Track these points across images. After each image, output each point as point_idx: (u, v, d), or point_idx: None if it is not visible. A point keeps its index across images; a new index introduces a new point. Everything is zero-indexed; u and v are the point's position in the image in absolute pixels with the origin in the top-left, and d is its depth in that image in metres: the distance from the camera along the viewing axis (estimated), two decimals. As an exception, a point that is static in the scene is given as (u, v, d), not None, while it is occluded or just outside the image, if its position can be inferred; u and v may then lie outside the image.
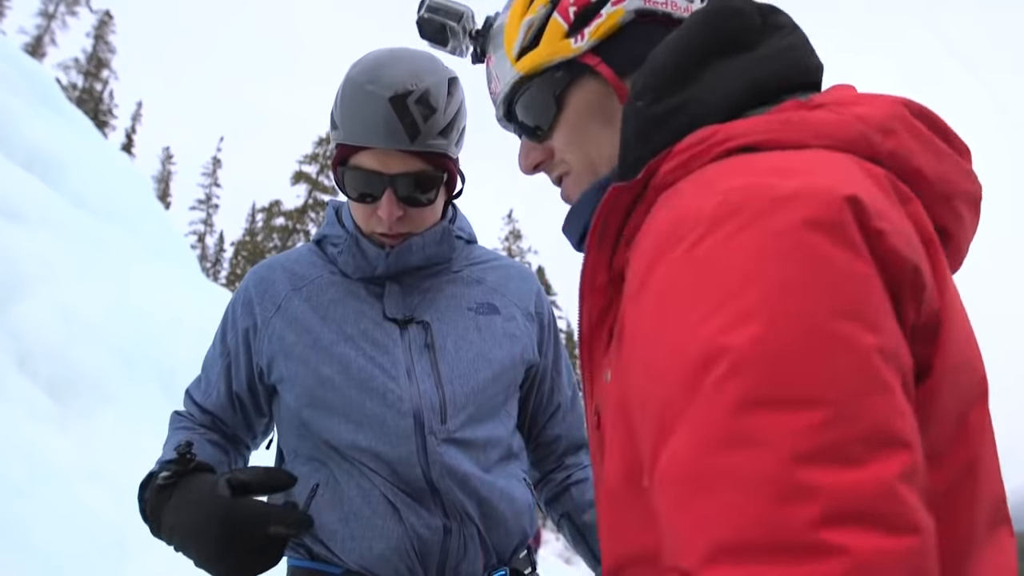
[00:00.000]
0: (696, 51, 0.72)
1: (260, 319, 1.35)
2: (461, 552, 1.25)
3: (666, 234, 0.59)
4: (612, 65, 0.83)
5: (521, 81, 0.88)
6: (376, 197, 1.26)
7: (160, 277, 7.71)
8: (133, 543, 3.86)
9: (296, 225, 37.84)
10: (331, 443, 1.28)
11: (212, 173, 43.53)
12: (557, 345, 1.53)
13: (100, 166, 9.32)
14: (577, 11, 0.83)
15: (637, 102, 0.74)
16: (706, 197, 0.58)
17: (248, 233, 42.71)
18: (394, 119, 1.20)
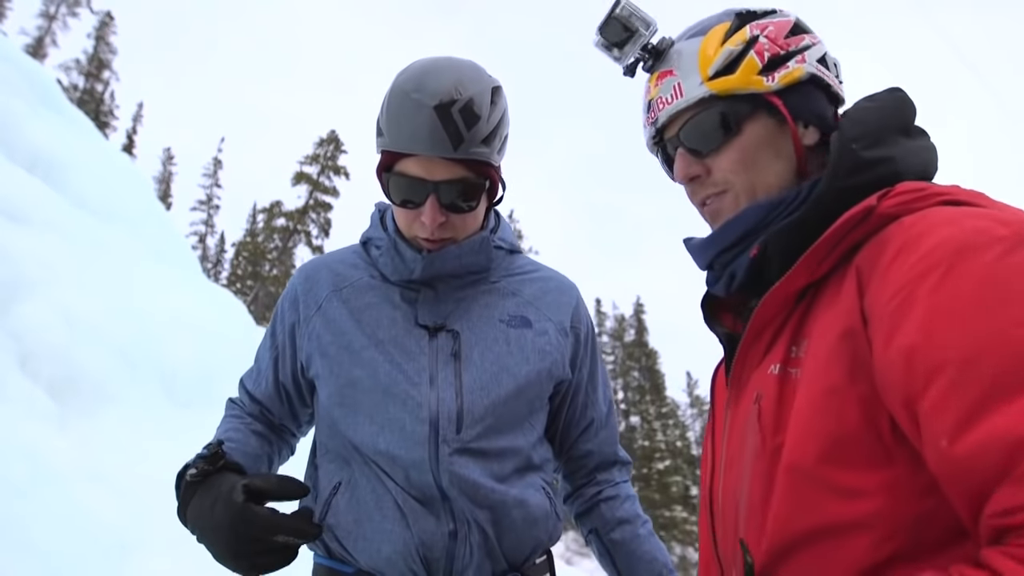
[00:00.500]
0: (895, 123, 0.96)
1: (303, 316, 1.42)
2: (468, 558, 1.26)
3: (950, 249, 0.75)
4: (788, 108, 1.00)
5: (709, 99, 1.01)
6: (419, 203, 1.29)
7: (161, 278, 7.72)
8: (133, 544, 3.86)
9: (297, 226, 37.84)
10: (354, 443, 1.32)
11: (213, 174, 43.55)
12: (594, 360, 1.53)
13: (101, 167, 9.32)
14: (771, 56, 1.00)
15: (852, 144, 0.92)
16: (969, 224, 0.77)
17: (249, 234, 42.72)
18: (438, 127, 1.22)
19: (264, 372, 1.50)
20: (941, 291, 0.74)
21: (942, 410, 0.71)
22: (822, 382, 0.83)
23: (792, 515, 0.84)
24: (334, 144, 38.07)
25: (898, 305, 0.77)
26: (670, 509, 38.97)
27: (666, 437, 44.42)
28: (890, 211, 0.84)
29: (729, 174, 1.01)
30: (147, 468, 4.68)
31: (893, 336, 0.76)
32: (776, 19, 1.05)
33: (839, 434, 0.80)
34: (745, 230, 0.99)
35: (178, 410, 5.86)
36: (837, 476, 0.80)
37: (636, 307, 50.66)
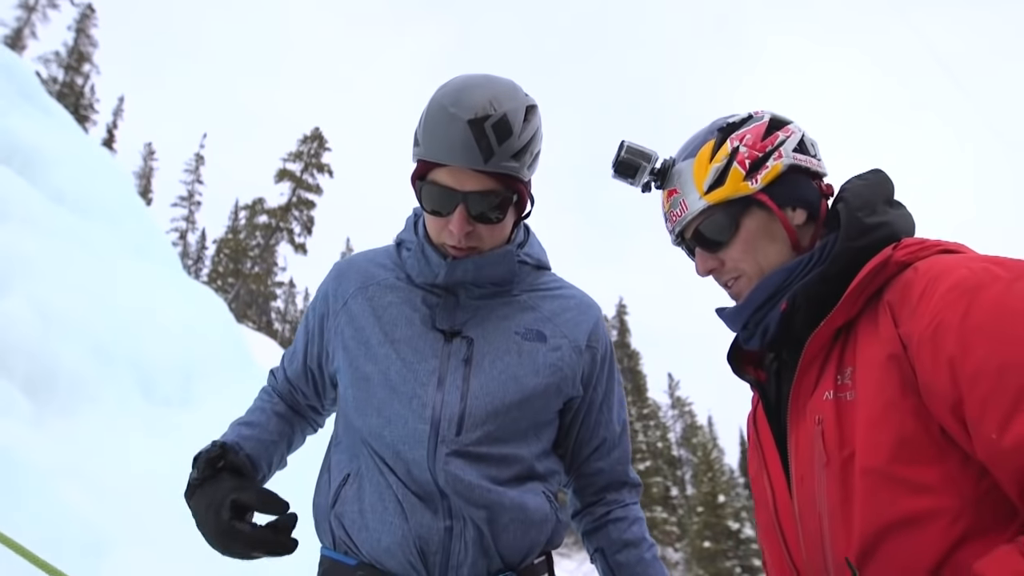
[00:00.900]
0: (883, 196, 1.23)
1: (331, 310, 1.52)
2: (463, 554, 1.31)
3: (968, 286, 0.97)
4: (774, 200, 1.25)
5: (709, 209, 1.27)
6: (449, 212, 1.34)
7: (140, 274, 7.64)
8: (111, 541, 3.83)
9: (279, 223, 37.57)
10: (363, 435, 1.40)
11: (195, 170, 43.13)
12: (610, 380, 1.56)
13: (80, 161, 9.21)
14: (751, 161, 1.25)
15: (857, 213, 1.18)
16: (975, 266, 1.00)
17: (231, 231, 42.36)
18: (471, 140, 1.27)
19: (297, 353, 1.61)
20: (970, 317, 0.95)
21: (987, 410, 0.91)
22: (881, 399, 1.02)
23: (875, 511, 1.00)
24: (318, 141, 37.85)
25: (935, 330, 0.97)
26: (650, 510, 39.16)
27: (647, 438, 44.66)
28: (903, 259, 1.09)
29: (739, 263, 1.27)
30: (124, 465, 4.64)
31: (937, 356, 0.96)
32: (752, 125, 1.29)
33: (902, 438, 0.99)
34: (772, 292, 1.22)
35: (156, 408, 5.81)
36: (907, 472, 0.98)
37: (619, 308, 50.87)
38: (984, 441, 0.92)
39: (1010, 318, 0.92)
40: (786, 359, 1.27)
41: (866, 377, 1.06)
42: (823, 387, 1.12)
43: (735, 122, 1.31)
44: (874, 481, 1.01)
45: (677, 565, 38.05)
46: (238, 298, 36.93)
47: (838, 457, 1.06)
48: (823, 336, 1.14)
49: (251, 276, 38.90)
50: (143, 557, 3.82)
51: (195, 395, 6.47)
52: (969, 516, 0.95)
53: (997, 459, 0.91)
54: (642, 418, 45.80)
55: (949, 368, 0.95)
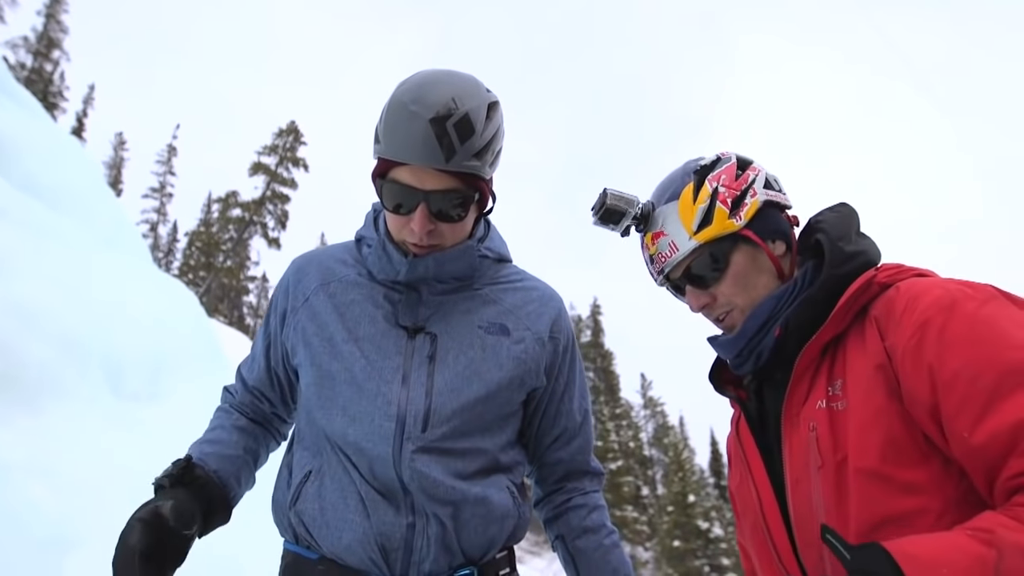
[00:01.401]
0: (855, 227, 1.35)
1: (291, 306, 1.50)
2: (425, 550, 1.32)
3: (944, 303, 1.08)
4: (758, 234, 1.35)
5: (700, 248, 1.34)
6: (410, 210, 1.33)
7: (110, 266, 7.51)
8: (77, 537, 3.77)
9: (253, 217, 37.15)
10: (327, 432, 1.39)
11: (167, 161, 42.49)
12: (572, 371, 1.57)
13: (49, 150, 9.01)
14: (732, 199, 1.34)
15: (839, 242, 1.29)
16: (950, 287, 1.12)
17: (203, 224, 41.81)
18: (432, 139, 1.25)
19: (258, 359, 1.58)
20: (947, 330, 1.06)
21: (961, 412, 1.02)
22: (870, 405, 1.12)
23: (868, 508, 1.09)
24: (294, 135, 37.48)
25: (917, 342, 1.08)
26: (621, 508, 39.42)
27: (619, 438, 44.92)
28: (885, 280, 1.21)
29: (731, 297, 1.35)
30: (92, 462, 4.57)
31: (918, 364, 1.07)
32: (724, 166, 1.38)
33: (890, 440, 1.09)
34: (764, 320, 1.31)
35: (125, 403, 5.72)
36: (895, 473, 1.08)
37: (593, 308, 51.11)
38: (958, 440, 1.03)
39: (982, 332, 1.05)
40: (769, 376, 1.36)
41: (856, 386, 1.16)
42: (815, 397, 1.21)
43: (707, 164, 1.39)
44: (866, 480, 1.10)
45: (647, 564, 38.35)
46: (209, 292, 36.45)
47: (832, 460, 1.15)
48: (812, 351, 1.23)
49: (223, 270, 38.42)
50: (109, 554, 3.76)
51: (165, 390, 6.38)
52: (952, 515, 1.04)
53: (969, 456, 1.02)
54: (614, 418, 46.05)
55: (928, 375, 1.06)
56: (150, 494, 1.33)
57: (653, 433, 50.33)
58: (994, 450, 0.98)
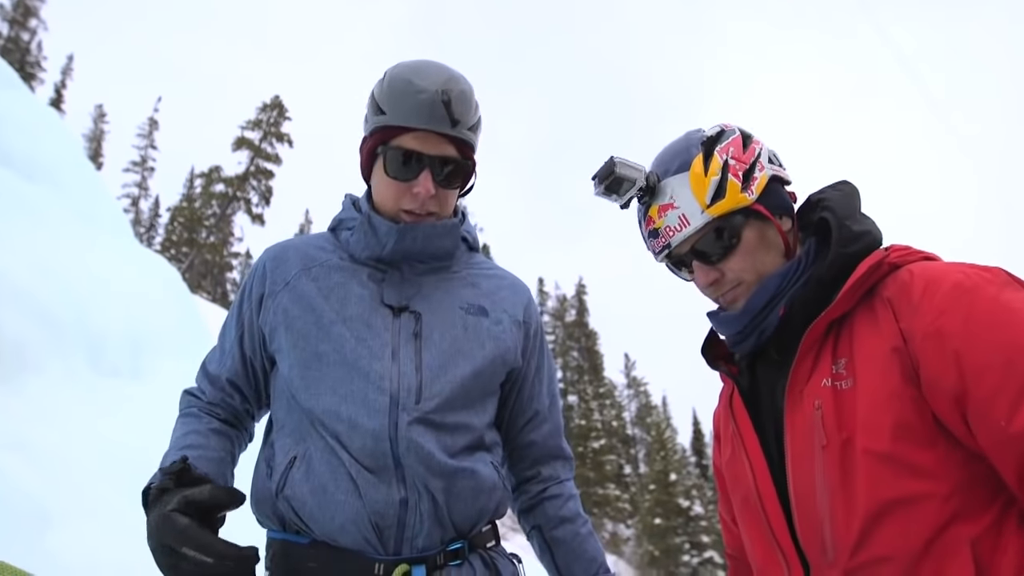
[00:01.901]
0: (858, 206, 1.33)
1: (268, 291, 1.50)
2: (418, 526, 1.33)
3: (966, 288, 1.08)
4: (768, 209, 1.30)
5: (713, 222, 1.29)
6: (414, 175, 1.40)
7: (90, 240, 7.40)
8: (55, 513, 3.75)
9: (236, 193, 36.75)
10: (315, 413, 1.38)
11: (148, 135, 41.84)
12: (541, 355, 1.63)
13: (26, 121, 8.82)
14: (743, 173, 1.30)
15: (846, 221, 1.26)
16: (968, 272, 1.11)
17: (185, 199, 41.32)
18: (440, 107, 1.37)
19: (230, 350, 1.54)
20: (973, 315, 1.05)
21: (996, 400, 1.00)
22: (884, 388, 1.11)
23: (877, 489, 1.09)
24: (278, 110, 37.02)
25: (939, 328, 1.07)
26: (603, 487, 39.87)
27: (602, 416, 45.32)
28: (894, 261, 1.20)
29: (741, 273, 1.31)
30: (70, 438, 4.53)
31: (942, 350, 1.06)
32: (729, 138, 1.33)
33: (902, 423, 1.09)
34: (769, 298, 1.28)
35: (104, 379, 5.67)
36: (906, 454, 1.08)
37: (578, 288, 51.27)
38: (992, 428, 1.02)
39: (1009, 317, 1.04)
40: (763, 353, 1.34)
41: (867, 367, 1.15)
42: (819, 375, 1.20)
43: (713, 136, 1.34)
44: (876, 462, 1.10)
45: (628, 541, 38.89)
46: (192, 268, 36.13)
47: (837, 439, 1.14)
48: (818, 329, 1.21)
49: (206, 246, 38.07)
50: (89, 530, 3.74)
51: (146, 366, 6.32)
52: (958, 499, 1.05)
53: (1003, 445, 1.01)
54: (598, 397, 46.42)
55: (955, 361, 1.05)
56: (131, 470, 1.30)
57: (636, 412, 50.81)
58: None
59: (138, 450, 5.28)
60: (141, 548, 1.23)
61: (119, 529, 3.77)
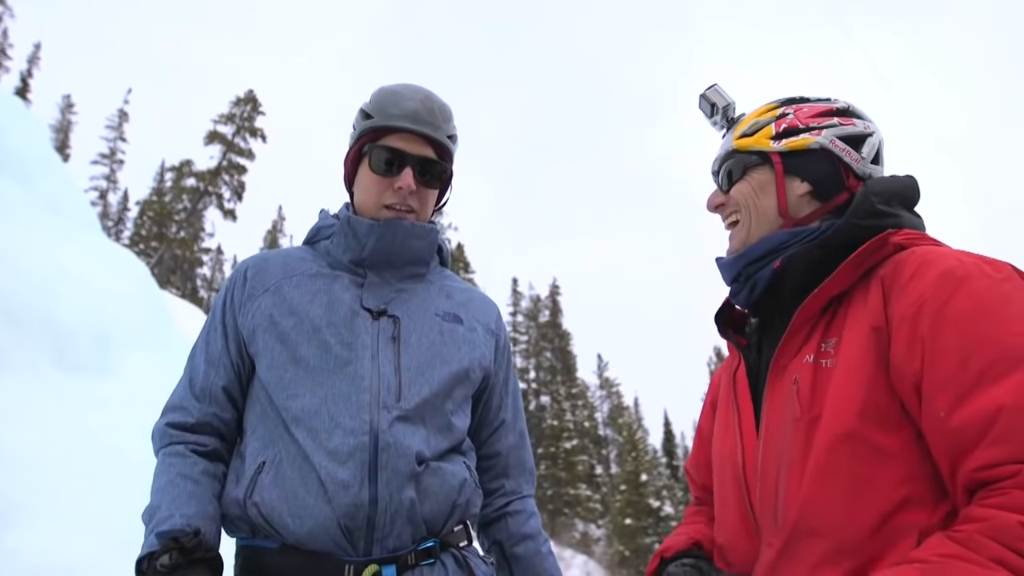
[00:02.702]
0: (901, 196, 1.27)
1: (248, 294, 1.53)
2: (388, 526, 1.34)
3: (955, 276, 1.06)
4: (784, 166, 1.33)
5: (732, 152, 1.39)
6: (400, 170, 1.51)
7: (55, 233, 7.25)
8: (18, 512, 3.67)
9: (208, 187, 36.23)
10: (292, 412, 1.38)
11: (118, 126, 41.06)
12: (508, 369, 1.70)
13: (-9, 111, 8.61)
14: (788, 127, 1.34)
15: (874, 197, 1.23)
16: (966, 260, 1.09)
17: (155, 193, 40.60)
18: (423, 112, 1.53)
19: (219, 360, 1.52)
20: (950, 304, 1.04)
21: (942, 391, 1.00)
22: (859, 370, 1.11)
23: (830, 464, 1.09)
24: (252, 104, 36.55)
25: (916, 311, 1.06)
26: (575, 487, 40.00)
27: (575, 417, 45.47)
28: (900, 242, 1.18)
29: (738, 204, 1.37)
30: (34, 434, 4.43)
31: (913, 334, 1.05)
32: (816, 104, 1.37)
33: (872, 403, 1.08)
34: (770, 248, 1.29)
35: (69, 376, 5.55)
36: (869, 434, 1.07)
37: (552, 288, 51.38)
38: (933, 417, 1.02)
39: (987, 312, 1.02)
40: (770, 328, 1.34)
41: (850, 348, 1.14)
42: (807, 351, 1.20)
43: (807, 97, 1.40)
44: (837, 438, 1.09)
45: (599, 541, 39.08)
46: (162, 263, 35.54)
47: (807, 415, 1.15)
48: (815, 303, 1.20)
49: (176, 241, 37.45)
50: (53, 529, 3.66)
51: (113, 363, 6.21)
52: (912, 485, 1.04)
53: (940, 436, 1.01)
54: (571, 397, 46.56)
55: (921, 348, 1.04)
56: (98, 467, 1.29)
57: (608, 413, 51.05)
58: (966, 435, 0.97)
59: (104, 447, 5.19)
60: (107, 546, 1.22)
61: (85, 528, 3.70)
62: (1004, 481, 0.93)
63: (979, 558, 0.90)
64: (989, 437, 0.94)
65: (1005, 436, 0.93)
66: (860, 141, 1.33)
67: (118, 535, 4.13)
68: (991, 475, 0.94)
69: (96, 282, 6.88)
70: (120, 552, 4.00)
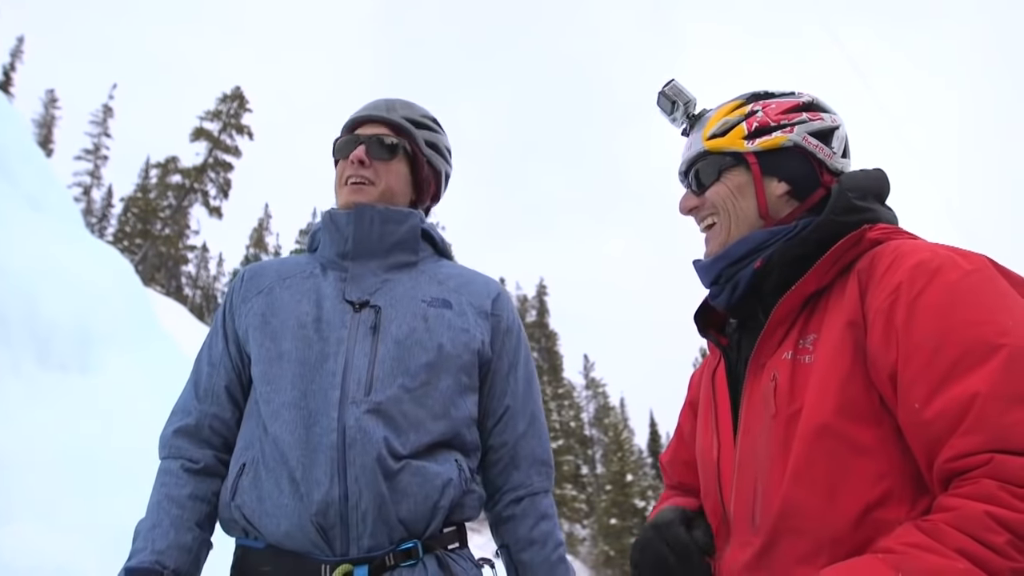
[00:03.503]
0: (875, 190, 1.29)
1: (242, 297, 1.58)
2: (362, 525, 1.32)
3: (928, 268, 1.05)
4: (761, 166, 1.31)
5: (704, 153, 1.36)
6: (352, 150, 1.61)
7: (37, 229, 7.16)
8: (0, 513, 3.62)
9: (194, 184, 35.94)
10: (272, 407, 1.40)
11: (102, 122, 40.67)
12: (516, 353, 1.61)
13: (-28, 104, 8.49)
14: (759, 126, 1.32)
15: (849, 193, 1.24)
16: (939, 252, 1.08)
17: (140, 189, 40.24)
18: (377, 104, 1.68)
19: (220, 360, 1.56)
20: (924, 295, 1.04)
21: (916, 383, 1.00)
22: (836, 365, 1.10)
23: (810, 460, 1.08)
24: (239, 101, 36.30)
25: (891, 303, 1.06)
26: (560, 487, 40.07)
27: (561, 417, 45.56)
28: (876, 237, 1.18)
29: (714, 207, 1.34)
30: (13, 433, 4.38)
31: (888, 325, 1.05)
32: (784, 100, 1.35)
33: (848, 398, 1.08)
34: (750, 248, 1.28)
35: (51, 374, 5.48)
36: (847, 429, 1.07)
37: (539, 288, 51.44)
38: (908, 409, 1.01)
39: (959, 303, 1.02)
40: (749, 327, 1.32)
41: (827, 343, 1.14)
42: (785, 348, 1.20)
43: (772, 92, 1.38)
44: (815, 433, 1.09)
45: (584, 541, 39.17)
46: (146, 260, 35.22)
47: (785, 411, 1.14)
48: (793, 300, 1.20)
49: (161, 238, 37.14)
50: (32, 529, 3.62)
51: (94, 361, 6.14)
52: (892, 480, 1.04)
53: (915, 428, 1.00)
54: (557, 397, 46.65)
55: (896, 340, 1.04)
56: (85, 467, 1.30)
57: (594, 413, 51.15)
58: (940, 426, 0.96)
59: (84, 447, 5.13)
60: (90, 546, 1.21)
61: (63, 527, 3.65)
62: (975, 470, 0.92)
63: (943, 548, 0.90)
64: (963, 427, 0.94)
65: (978, 425, 0.93)
66: (829, 135, 1.33)
67: (100, 534, 4.08)
68: (963, 464, 0.94)
69: (79, 279, 6.80)
70: (102, 552, 3.95)
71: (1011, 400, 0.92)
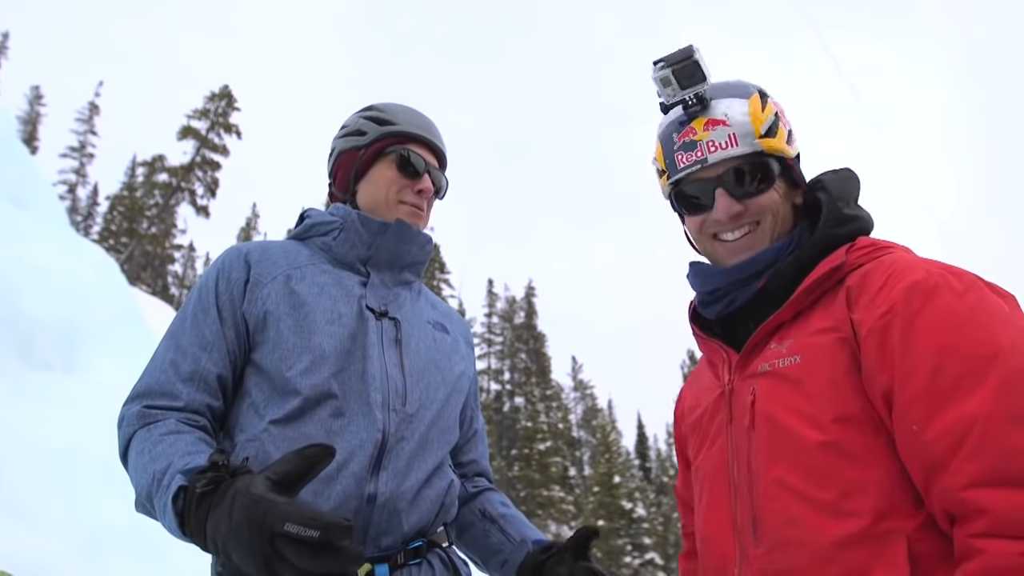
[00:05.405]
0: (854, 192, 1.31)
1: (255, 280, 1.47)
2: (383, 524, 1.35)
3: (924, 289, 1.06)
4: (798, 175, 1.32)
5: (760, 154, 1.27)
6: (421, 174, 1.63)
7: (21, 226, 7.09)
8: (-24, 513, 3.57)
9: (181, 183, 35.67)
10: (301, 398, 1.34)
11: (88, 119, 40.32)
12: (476, 383, 1.78)
13: (-44, 100, 8.40)
14: (788, 131, 1.31)
15: (838, 203, 1.26)
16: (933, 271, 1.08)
17: (126, 187, 39.91)
18: (433, 130, 1.70)
19: (213, 343, 1.41)
20: (920, 317, 1.04)
21: (914, 404, 1.00)
22: (826, 374, 1.11)
23: (811, 474, 1.08)
24: (227, 100, 36.08)
25: (887, 323, 1.06)
26: (548, 488, 40.04)
27: (549, 419, 45.52)
28: (856, 261, 1.18)
29: (765, 212, 1.28)
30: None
31: (883, 345, 1.06)
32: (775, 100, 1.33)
33: (846, 411, 1.08)
34: (757, 269, 1.26)
35: (34, 372, 5.43)
36: (848, 442, 1.07)
37: (527, 290, 51.42)
38: (905, 431, 1.02)
39: (955, 326, 1.03)
40: (739, 333, 1.31)
41: (813, 353, 1.14)
42: (762, 360, 1.21)
43: (765, 92, 1.33)
44: (815, 449, 1.09)
45: (571, 542, 39.02)
46: (132, 259, 34.92)
47: (765, 424, 1.16)
48: (770, 326, 1.22)
49: (147, 237, 36.83)
50: (13, 528, 3.58)
51: (78, 360, 6.08)
52: (892, 491, 1.04)
53: (914, 450, 1.01)
54: (545, 399, 46.61)
55: (891, 361, 1.04)
56: (67, 467, 1.22)
57: (582, 415, 51.20)
58: (940, 448, 0.97)
59: (67, 447, 5.07)
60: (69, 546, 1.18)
61: (45, 527, 3.61)
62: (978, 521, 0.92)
63: None
64: (963, 451, 0.94)
65: (979, 449, 0.93)
66: None
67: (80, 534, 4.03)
68: (967, 508, 0.94)
69: (63, 277, 6.74)
70: (81, 552, 3.91)
71: (1010, 421, 0.93)
